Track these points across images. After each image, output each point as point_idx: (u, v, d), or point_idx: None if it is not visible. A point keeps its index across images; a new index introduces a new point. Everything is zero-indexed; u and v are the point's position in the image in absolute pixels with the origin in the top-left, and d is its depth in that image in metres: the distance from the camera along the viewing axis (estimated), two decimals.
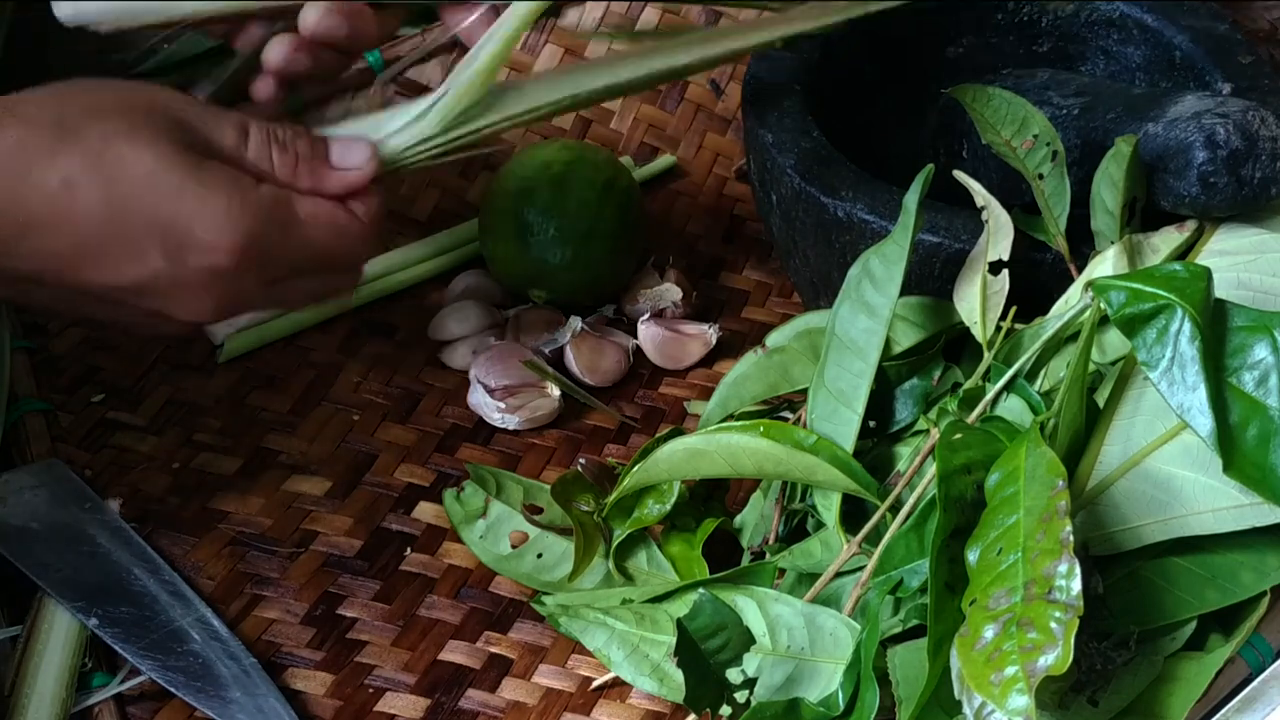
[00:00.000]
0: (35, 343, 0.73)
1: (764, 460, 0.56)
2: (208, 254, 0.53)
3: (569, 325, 0.74)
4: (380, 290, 0.77)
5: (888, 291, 0.57)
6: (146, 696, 0.58)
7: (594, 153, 0.75)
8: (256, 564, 0.64)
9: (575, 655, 0.61)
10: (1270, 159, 0.55)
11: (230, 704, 0.56)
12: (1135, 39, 0.74)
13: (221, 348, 0.73)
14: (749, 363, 0.64)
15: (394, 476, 0.69)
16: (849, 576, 0.55)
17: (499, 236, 0.74)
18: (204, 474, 0.68)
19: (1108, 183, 0.58)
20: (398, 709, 0.59)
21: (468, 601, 0.63)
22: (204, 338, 0.74)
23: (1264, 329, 0.49)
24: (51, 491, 0.64)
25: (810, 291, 0.71)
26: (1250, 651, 0.53)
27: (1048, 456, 0.46)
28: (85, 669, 0.58)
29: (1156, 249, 0.58)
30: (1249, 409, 0.48)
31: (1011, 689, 0.40)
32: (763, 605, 0.54)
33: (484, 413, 0.71)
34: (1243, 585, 0.50)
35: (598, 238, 0.73)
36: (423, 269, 0.79)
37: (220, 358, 0.74)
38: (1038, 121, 0.60)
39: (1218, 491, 0.49)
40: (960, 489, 0.48)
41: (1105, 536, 0.50)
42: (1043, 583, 0.42)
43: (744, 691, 0.52)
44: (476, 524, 0.64)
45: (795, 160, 0.65)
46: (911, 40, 0.76)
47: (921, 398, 0.59)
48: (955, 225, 0.61)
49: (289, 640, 0.61)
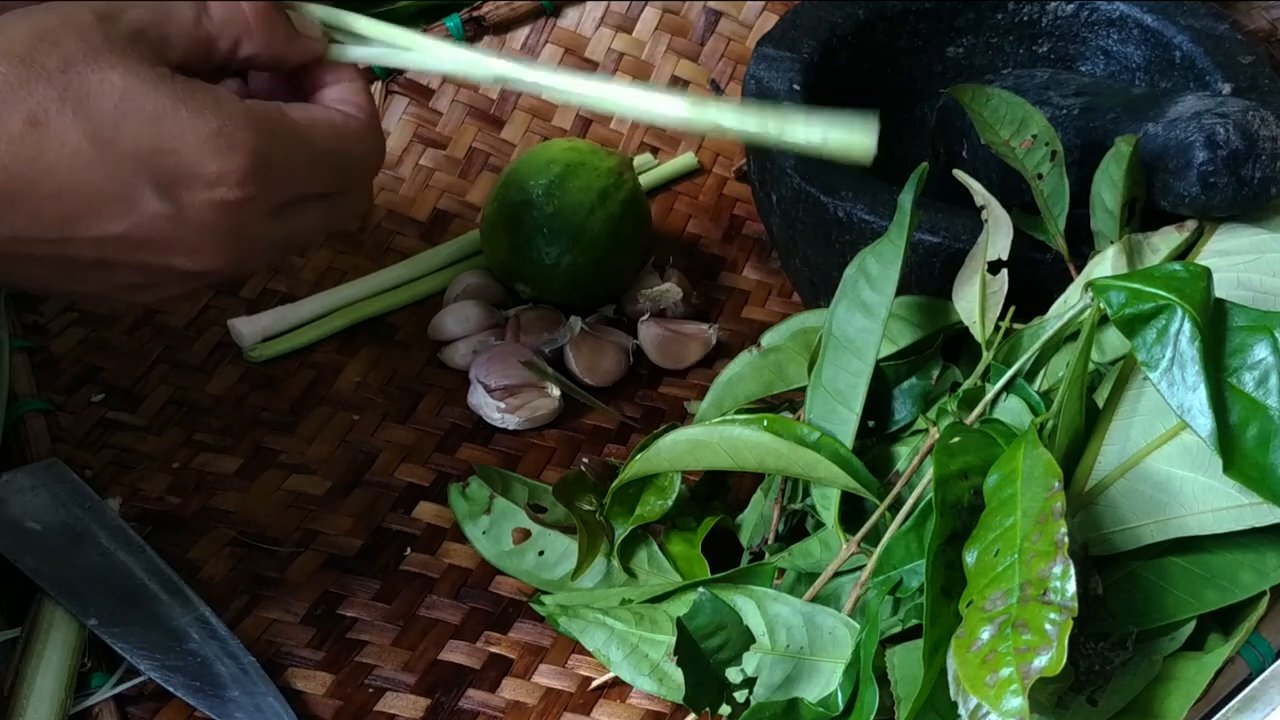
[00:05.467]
0: (35, 343, 0.73)
1: (765, 454, 0.56)
2: (208, 184, 0.47)
3: (569, 325, 0.74)
4: (390, 305, 0.77)
5: (884, 291, 0.57)
6: (146, 696, 0.58)
7: (600, 156, 0.75)
8: (256, 564, 0.64)
9: (575, 655, 0.61)
10: (1270, 159, 0.55)
11: (230, 704, 0.56)
12: (1135, 39, 0.74)
13: (249, 349, 0.74)
14: (744, 362, 0.64)
15: (394, 476, 0.69)
16: (848, 576, 0.55)
17: (495, 232, 0.74)
18: (204, 474, 0.68)
19: (1107, 183, 0.58)
20: (398, 709, 0.59)
21: (468, 601, 0.63)
22: (210, 338, 0.74)
23: (1264, 329, 0.49)
24: (51, 491, 0.64)
25: (810, 291, 0.71)
26: (1250, 651, 0.53)
27: (1044, 458, 0.46)
28: (85, 669, 0.58)
29: (1156, 249, 0.58)
30: (1249, 409, 0.48)
31: (1006, 690, 0.40)
32: (762, 605, 0.54)
33: (484, 413, 0.71)
34: (1242, 585, 0.50)
35: (592, 240, 0.73)
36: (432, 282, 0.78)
37: (252, 358, 0.74)
38: (1037, 121, 0.60)
39: (1217, 491, 0.49)
40: (957, 494, 0.48)
41: (1104, 537, 0.50)
42: (1038, 584, 0.42)
43: (743, 691, 0.52)
44: (480, 520, 0.64)
45: (795, 160, 0.65)
46: (911, 40, 0.76)
47: (920, 397, 0.59)
48: (955, 225, 0.61)
49: (289, 640, 0.61)
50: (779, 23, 0.74)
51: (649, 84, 0.59)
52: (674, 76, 0.87)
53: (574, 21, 0.87)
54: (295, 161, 0.50)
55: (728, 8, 0.89)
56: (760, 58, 0.72)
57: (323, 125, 0.52)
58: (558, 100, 0.56)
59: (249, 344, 0.74)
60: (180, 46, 0.49)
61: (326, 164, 0.52)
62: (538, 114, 0.85)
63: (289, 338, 0.74)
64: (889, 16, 0.75)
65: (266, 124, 0.49)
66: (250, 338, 0.74)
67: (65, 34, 0.46)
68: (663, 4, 0.88)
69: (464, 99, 0.84)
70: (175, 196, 0.47)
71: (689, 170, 0.85)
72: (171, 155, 0.47)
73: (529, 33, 0.86)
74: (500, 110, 0.85)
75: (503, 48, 0.85)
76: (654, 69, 0.87)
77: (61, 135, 0.45)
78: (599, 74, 0.86)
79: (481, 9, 0.85)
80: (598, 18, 0.87)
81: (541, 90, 0.56)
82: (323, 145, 0.51)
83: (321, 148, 0.51)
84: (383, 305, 0.77)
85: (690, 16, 0.89)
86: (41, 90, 0.45)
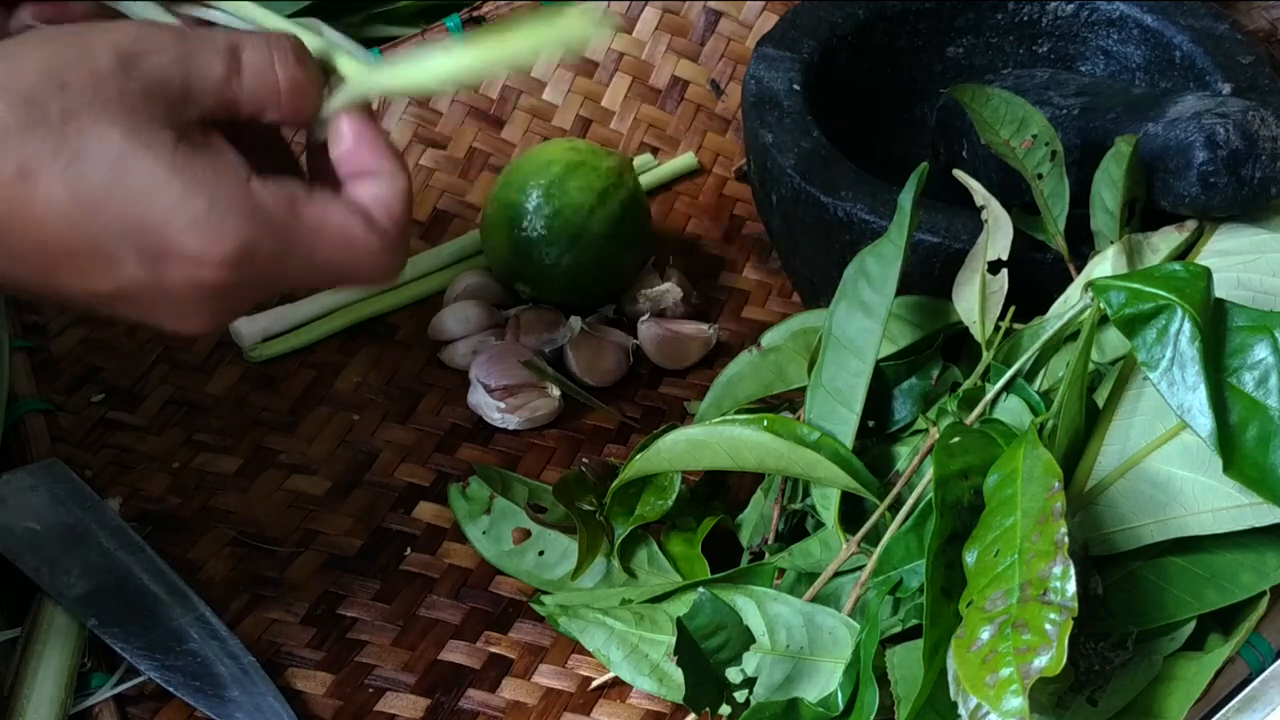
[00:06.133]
0: (35, 343, 0.73)
1: (765, 454, 0.56)
2: (189, 266, 0.45)
3: (569, 325, 0.74)
4: (390, 305, 0.77)
5: (884, 291, 0.57)
6: (146, 696, 0.58)
7: (600, 156, 0.75)
8: (256, 564, 0.64)
9: (575, 655, 0.61)
10: (1270, 159, 0.55)
11: (230, 704, 0.56)
12: (1135, 39, 0.74)
13: (249, 349, 0.74)
14: (743, 362, 0.64)
15: (394, 476, 0.69)
16: (848, 576, 0.55)
17: (495, 232, 0.74)
18: (204, 474, 0.68)
19: (1107, 183, 0.58)
20: (398, 709, 0.59)
21: (468, 601, 0.63)
22: (210, 337, 0.74)
23: (1264, 329, 0.49)
24: (51, 491, 0.64)
25: (810, 291, 0.71)
26: (1250, 651, 0.53)
27: (1044, 458, 0.46)
28: (85, 669, 0.58)
29: (1156, 249, 0.58)
30: (1249, 409, 0.48)
31: (1006, 690, 0.40)
32: (762, 605, 0.54)
33: (484, 413, 0.71)
34: (1242, 585, 0.50)
35: (592, 240, 0.73)
36: (432, 282, 0.78)
37: (252, 358, 0.74)
38: (1036, 121, 0.60)
39: (1217, 491, 0.49)
40: (957, 494, 0.48)
41: (1104, 537, 0.50)
42: (1038, 584, 0.42)
43: (743, 691, 0.52)
44: (480, 520, 0.64)
45: (795, 160, 0.65)
46: (911, 40, 0.76)
47: (920, 397, 0.59)
48: (955, 225, 0.61)
49: (289, 640, 0.61)
50: (779, 23, 0.74)
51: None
52: (674, 76, 0.87)
53: None
54: (287, 264, 0.46)
55: (728, 8, 0.89)
56: (760, 58, 0.72)
57: (333, 234, 0.47)
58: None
59: (249, 344, 0.74)
60: (201, 105, 0.46)
61: (323, 276, 0.48)
62: (538, 114, 0.85)
63: (289, 337, 0.74)
64: (889, 16, 0.75)
65: (264, 214, 0.45)
66: (250, 337, 0.74)
67: (77, 76, 0.44)
68: (663, 4, 0.88)
69: (464, 99, 0.84)
70: (156, 269, 0.45)
71: (689, 170, 0.85)
72: (156, 229, 0.44)
73: None
74: (500, 110, 0.85)
75: None
76: (654, 69, 0.87)
77: (50, 191, 0.43)
78: (599, 74, 0.86)
79: (481, 9, 0.85)
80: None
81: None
82: (325, 257, 0.47)
83: (323, 259, 0.47)
84: (383, 305, 0.77)
85: (690, 16, 0.89)
86: (37, 139, 0.43)
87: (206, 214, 0.44)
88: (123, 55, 0.44)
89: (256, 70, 0.46)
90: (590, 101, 0.86)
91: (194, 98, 0.45)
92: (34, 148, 0.43)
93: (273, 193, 0.46)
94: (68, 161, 0.43)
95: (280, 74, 0.47)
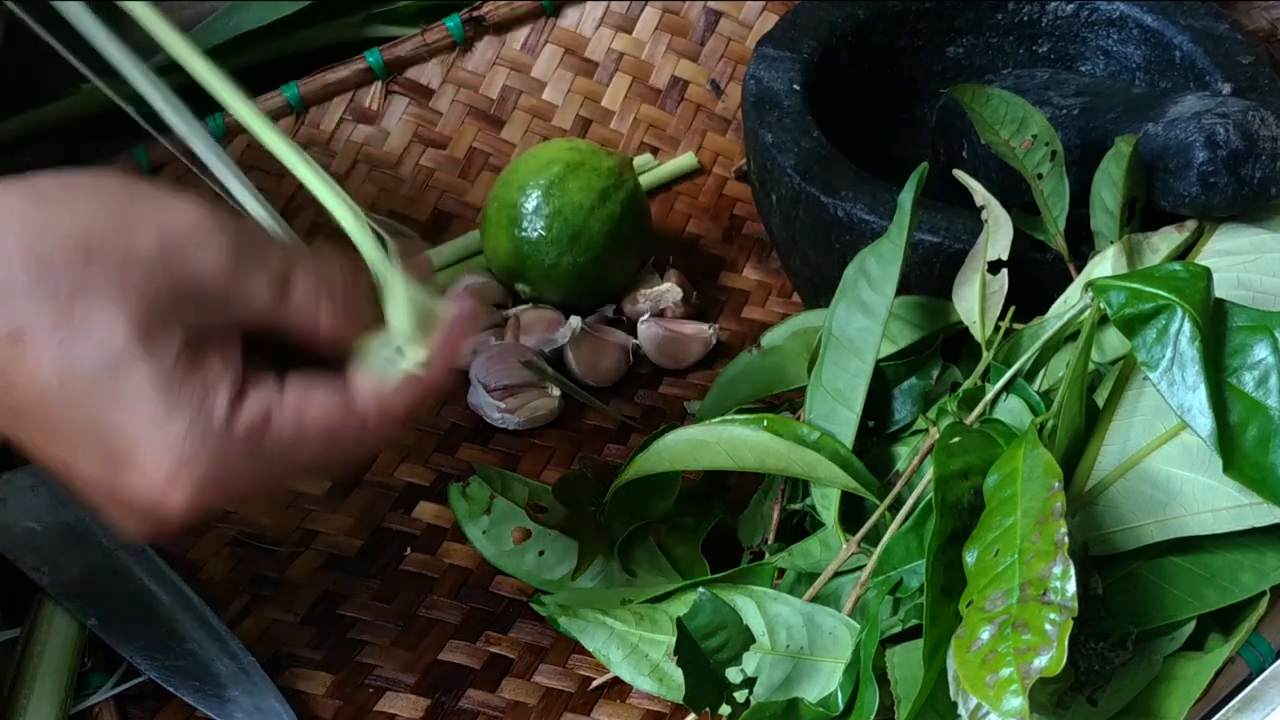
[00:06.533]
0: None
1: (765, 454, 0.56)
2: (147, 489, 0.42)
3: (569, 325, 0.74)
4: None
5: (884, 291, 0.57)
6: (146, 696, 0.58)
7: (600, 156, 0.75)
8: (256, 564, 0.64)
9: (575, 655, 0.61)
10: (1270, 159, 0.55)
11: (229, 703, 0.56)
12: (1135, 39, 0.74)
13: None
14: (743, 362, 0.64)
15: (394, 476, 0.69)
16: (848, 576, 0.55)
17: (495, 232, 0.75)
18: None
19: (1107, 183, 0.58)
20: (398, 709, 0.59)
21: (468, 601, 0.63)
22: None
23: (1264, 329, 0.49)
24: (51, 491, 0.64)
25: (810, 291, 0.71)
26: (1250, 651, 0.53)
27: (1044, 458, 0.46)
28: (85, 669, 0.58)
29: (1156, 249, 0.58)
30: (1249, 409, 0.48)
31: (1006, 690, 0.40)
32: (762, 605, 0.54)
33: (484, 413, 0.71)
34: (1242, 585, 0.50)
35: (592, 240, 0.73)
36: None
37: None
38: (1036, 121, 0.60)
39: (1217, 491, 0.49)
40: (957, 494, 0.48)
41: (1104, 537, 0.50)
42: (1038, 584, 0.42)
43: (743, 691, 0.52)
44: (480, 520, 0.64)
45: (795, 160, 0.65)
46: (911, 40, 0.76)
47: (920, 397, 0.59)
48: (955, 225, 0.61)
49: (289, 640, 0.61)
50: (779, 23, 0.74)
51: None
52: (674, 76, 0.87)
53: (574, 21, 0.87)
54: (256, 479, 0.43)
55: (728, 8, 0.89)
56: (760, 58, 0.72)
57: (317, 431, 0.44)
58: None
59: None
60: (232, 319, 0.43)
61: (299, 470, 0.45)
62: (538, 114, 0.85)
63: None
64: (889, 16, 0.75)
65: (234, 447, 0.42)
66: None
67: (108, 251, 0.41)
68: (663, 4, 0.88)
69: (464, 99, 0.84)
70: (115, 476, 0.42)
71: (689, 170, 0.85)
72: (127, 441, 0.41)
73: (529, 33, 0.86)
74: (500, 110, 0.85)
75: (503, 48, 0.85)
76: (654, 69, 0.87)
77: (36, 363, 0.40)
78: (599, 74, 0.86)
79: (481, 9, 0.85)
80: (598, 18, 0.87)
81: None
82: (308, 456, 0.44)
83: (306, 459, 0.44)
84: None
85: (690, 16, 0.88)
86: (40, 306, 0.40)
87: (178, 448, 0.41)
88: (169, 246, 0.42)
89: (302, 306, 0.44)
90: (590, 101, 0.86)
91: (229, 311, 0.43)
92: (33, 314, 0.40)
93: (251, 421, 0.43)
94: (63, 338, 0.40)
95: (324, 315, 0.44)
